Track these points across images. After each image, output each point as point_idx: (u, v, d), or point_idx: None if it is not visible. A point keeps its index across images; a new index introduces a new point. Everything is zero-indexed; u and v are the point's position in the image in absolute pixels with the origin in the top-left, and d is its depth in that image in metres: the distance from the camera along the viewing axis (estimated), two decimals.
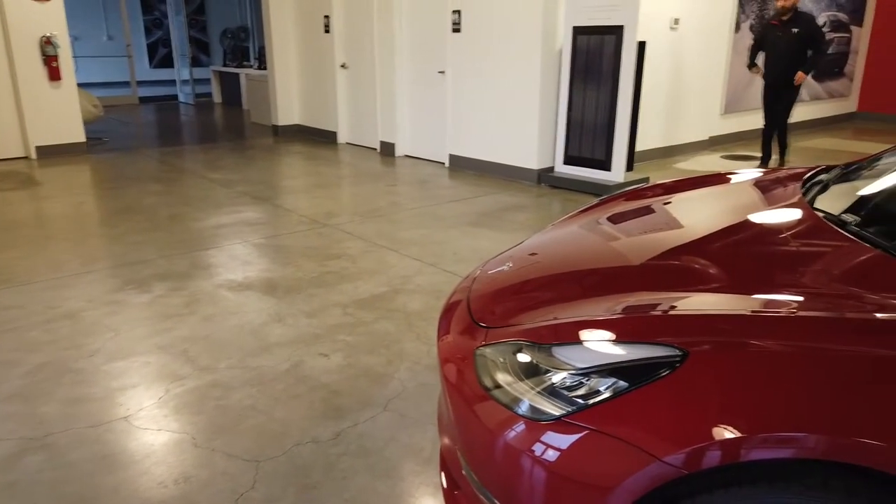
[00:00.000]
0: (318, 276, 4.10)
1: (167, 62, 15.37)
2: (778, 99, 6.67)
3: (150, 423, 2.55)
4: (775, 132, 6.88)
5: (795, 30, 6.33)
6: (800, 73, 6.41)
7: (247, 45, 15.08)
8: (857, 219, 1.71)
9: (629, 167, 6.34)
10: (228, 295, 3.80)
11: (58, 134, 7.78)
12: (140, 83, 14.09)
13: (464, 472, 1.60)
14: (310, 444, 2.42)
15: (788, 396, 1.17)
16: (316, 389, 2.79)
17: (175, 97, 14.63)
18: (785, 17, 6.40)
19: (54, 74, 7.57)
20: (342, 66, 8.82)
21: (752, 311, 1.38)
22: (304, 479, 2.23)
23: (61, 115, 7.76)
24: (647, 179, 6.19)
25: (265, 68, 10.24)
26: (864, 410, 1.12)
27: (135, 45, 14.74)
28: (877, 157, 2.22)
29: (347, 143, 9.11)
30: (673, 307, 1.48)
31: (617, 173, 6.14)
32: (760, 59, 6.71)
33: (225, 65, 14.25)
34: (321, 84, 9.22)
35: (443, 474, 1.81)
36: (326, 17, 8.73)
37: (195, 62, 14.65)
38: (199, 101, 14.08)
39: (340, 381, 2.85)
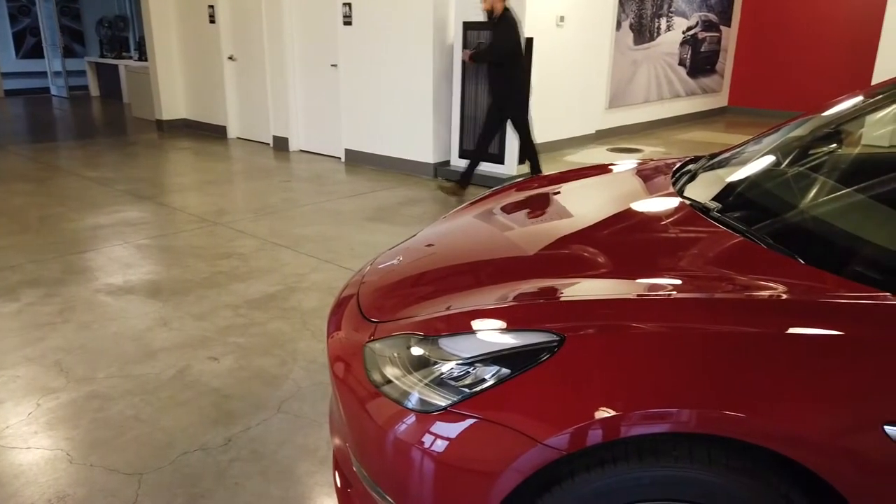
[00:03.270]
0: (207, 276, 3.93)
1: (37, 52, 14.21)
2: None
3: (17, 442, 2.36)
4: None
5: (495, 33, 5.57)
6: (465, 52, 5.74)
7: (126, 35, 14.20)
8: (720, 206, 1.82)
9: (521, 160, 6.49)
10: (107, 300, 3.57)
11: None
12: (5, 75, 12.99)
13: (355, 469, 1.58)
14: (198, 452, 2.32)
15: (662, 374, 1.23)
16: (205, 395, 2.68)
17: (47, 90, 13.58)
18: (489, 20, 5.54)
19: None
20: (230, 58, 8.50)
21: (630, 295, 1.45)
22: (192, 488, 2.14)
23: None
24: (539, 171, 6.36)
25: (146, 59, 9.69)
26: (728, 385, 1.19)
27: None
28: (739, 148, 2.38)
29: (238, 138, 8.79)
30: (559, 294, 1.52)
31: (510, 166, 6.28)
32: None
33: (102, 56, 13.38)
34: (208, 77, 8.84)
35: (336, 473, 1.78)
36: (211, 6, 8.38)
37: (69, 53, 13.66)
38: (74, 94, 13.14)
39: (231, 385, 2.75)
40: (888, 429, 1.14)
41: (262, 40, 7.95)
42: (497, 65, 5.56)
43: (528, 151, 5.91)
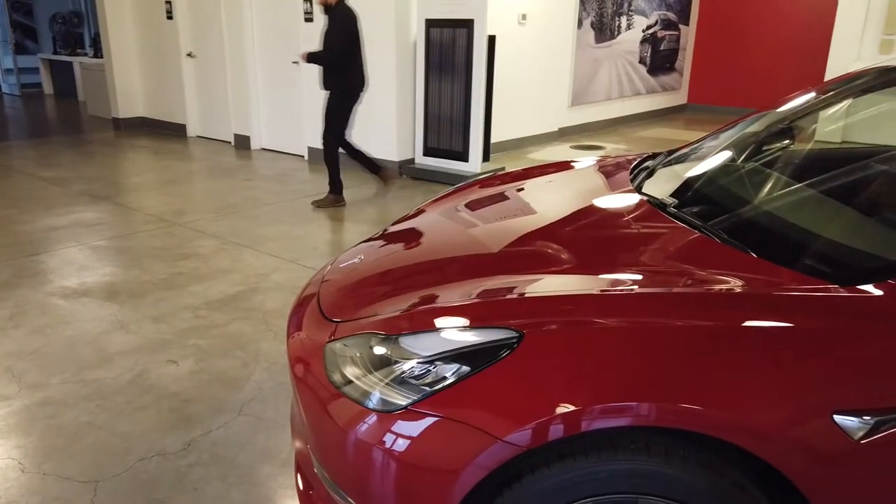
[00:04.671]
0: (166, 278, 3.85)
1: None
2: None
3: None
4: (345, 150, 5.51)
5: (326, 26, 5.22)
6: (304, 53, 5.26)
7: (80, 32, 13.83)
8: (677, 201, 1.85)
9: (486, 158, 6.52)
10: (62, 303, 3.47)
11: None
12: None
13: (316, 472, 1.56)
14: (156, 457, 2.27)
15: (621, 369, 1.24)
16: (163, 399, 2.62)
17: None
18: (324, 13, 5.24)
19: None
20: (189, 54, 8.33)
21: (589, 291, 1.46)
22: (149, 494, 2.09)
23: None
24: (503, 169, 6.38)
25: (102, 56, 9.45)
26: (684, 378, 1.21)
27: None
28: (695, 145, 2.42)
29: (199, 137, 8.63)
30: (520, 291, 1.52)
31: (474, 164, 6.29)
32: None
33: (56, 52, 13.00)
34: (166, 74, 8.65)
35: (298, 476, 1.76)
36: (168, 2, 8.20)
37: (21, 49, 13.24)
38: (26, 92, 12.76)
39: (191, 388, 2.70)
40: (837, 418, 1.17)
41: (221, 37, 7.81)
42: (329, 66, 5.15)
43: (359, 158, 5.50)
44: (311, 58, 5.20)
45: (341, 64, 5.17)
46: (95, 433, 2.40)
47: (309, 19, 6.86)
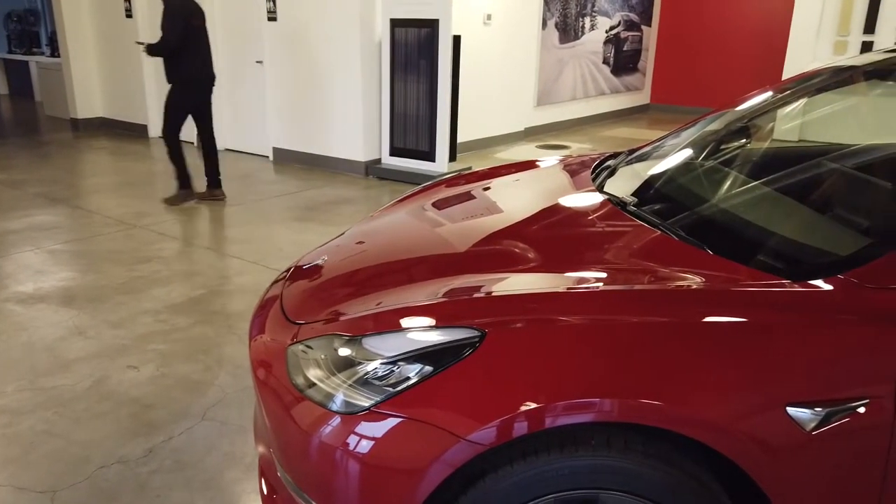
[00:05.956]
0: (125, 282, 3.77)
1: None
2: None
3: None
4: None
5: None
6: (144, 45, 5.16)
7: (36, 30, 13.45)
8: (636, 200, 1.88)
9: (452, 158, 6.52)
10: (17, 309, 3.38)
11: None
12: None
13: (279, 476, 1.55)
14: (116, 465, 2.22)
15: (583, 366, 1.25)
16: (123, 405, 2.57)
17: None
18: None
19: None
20: None
21: (550, 289, 1.47)
22: (110, 503, 2.04)
23: None
24: (469, 169, 6.39)
25: (59, 55, 9.21)
26: (646, 374, 1.23)
27: None
28: (655, 144, 2.46)
29: (160, 137, 8.44)
30: (486, 290, 1.52)
31: (441, 164, 6.29)
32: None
33: (11, 52, 12.62)
34: (126, 73, 8.47)
35: (262, 480, 1.74)
36: (127, 0, 8.03)
37: None
38: None
39: (152, 394, 2.65)
40: (790, 410, 1.20)
41: None
42: (166, 57, 5.06)
43: (177, 162, 5.42)
44: (150, 49, 5.10)
45: (178, 56, 5.05)
46: (53, 442, 2.34)
47: (272, 18, 6.80)
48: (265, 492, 1.70)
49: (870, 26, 6.37)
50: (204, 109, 5.41)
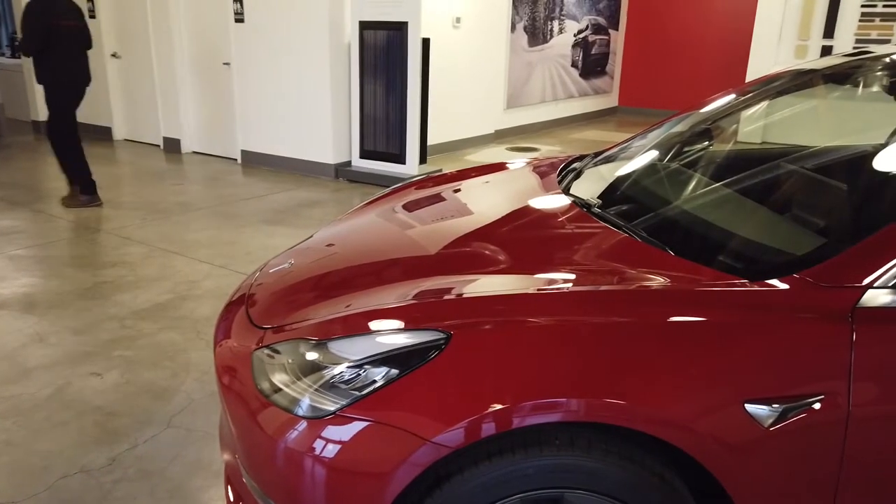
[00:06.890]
0: (89, 287, 3.70)
1: None
2: None
3: None
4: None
5: None
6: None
7: None
8: (601, 202, 1.90)
9: (423, 160, 6.52)
10: None
11: None
12: None
13: (245, 482, 1.53)
14: (79, 474, 2.17)
15: (549, 366, 1.26)
16: (86, 413, 2.51)
17: None
18: None
19: None
20: (113, 55, 8.03)
21: (517, 290, 1.48)
22: None
23: None
24: (440, 171, 6.40)
25: (20, 56, 8.98)
26: (609, 373, 1.24)
27: None
28: (621, 146, 2.49)
29: (125, 140, 8.33)
30: (455, 291, 1.53)
31: (411, 166, 6.28)
32: None
33: None
34: None
35: (228, 487, 1.72)
36: (91, 0, 7.88)
37: None
38: None
39: (116, 401, 2.60)
40: (748, 407, 1.23)
41: (147, 37, 7.55)
42: (35, 60, 4.99)
43: (70, 168, 5.26)
44: (16, 49, 5.11)
45: (45, 58, 4.95)
46: (12, 452, 2.28)
47: (239, 20, 6.73)
48: (231, 499, 1.69)
49: (829, 31, 6.54)
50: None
